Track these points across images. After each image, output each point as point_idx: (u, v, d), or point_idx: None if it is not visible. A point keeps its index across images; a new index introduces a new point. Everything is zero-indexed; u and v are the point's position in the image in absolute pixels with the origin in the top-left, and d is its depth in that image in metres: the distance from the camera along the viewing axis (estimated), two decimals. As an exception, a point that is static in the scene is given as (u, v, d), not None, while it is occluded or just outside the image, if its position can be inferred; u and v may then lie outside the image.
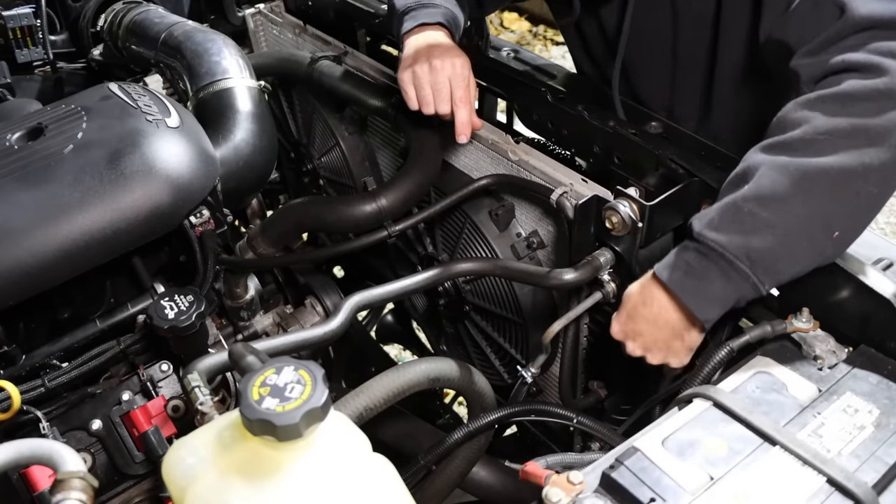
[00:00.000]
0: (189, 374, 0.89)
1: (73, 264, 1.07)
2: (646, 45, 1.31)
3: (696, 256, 0.93)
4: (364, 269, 1.98)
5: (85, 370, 1.11)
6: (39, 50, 1.67)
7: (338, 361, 1.66)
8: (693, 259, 0.93)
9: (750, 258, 0.90)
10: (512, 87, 1.36)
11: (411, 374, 1.09)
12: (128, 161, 1.10)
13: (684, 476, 0.74)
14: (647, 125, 1.19)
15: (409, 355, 2.49)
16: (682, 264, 0.95)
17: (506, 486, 1.31)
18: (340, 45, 1.68)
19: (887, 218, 3.52)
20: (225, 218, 1.24)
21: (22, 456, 0.81)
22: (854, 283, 0.93)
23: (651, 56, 1.32)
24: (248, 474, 0.67)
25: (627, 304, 1.04)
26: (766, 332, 0.97)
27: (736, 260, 0.90)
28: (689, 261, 0.94)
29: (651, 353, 1.04)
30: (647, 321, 1.01)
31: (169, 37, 1.47)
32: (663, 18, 1.27)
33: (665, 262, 0.97)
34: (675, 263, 0.96)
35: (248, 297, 1.46)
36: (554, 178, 1.29)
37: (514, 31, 5.04)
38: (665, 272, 0.96)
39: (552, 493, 0.73)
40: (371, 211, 1.31)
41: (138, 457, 1.14)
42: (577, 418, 1.19)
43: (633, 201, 1.07)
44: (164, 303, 1.05)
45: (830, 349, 0.92)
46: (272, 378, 0.67)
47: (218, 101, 1.34)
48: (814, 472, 0.74)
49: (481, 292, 1.52)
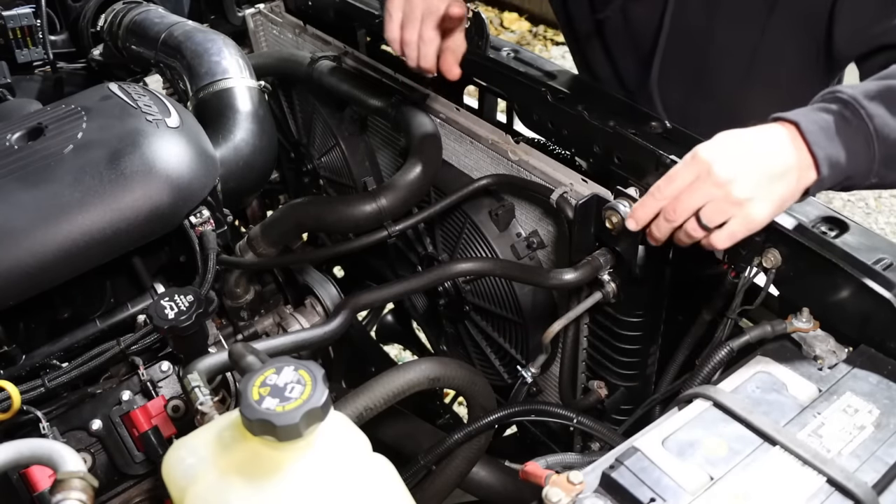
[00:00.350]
0: (189, 374, 0.89)
1: (73, 264, 1.07)
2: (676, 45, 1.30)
3: (839, 119, 0.89)
4: (364, 269, 1.98)
5: (85, 370, 1.11)
6: (39, 50, 1.67)
7: (338, 361, 1.66)
8: (835, 119, 0.89)
9: (883, 140, 0.88)
10: (512, 87, 1.36)
11: (411, 374, 1.09)
12: (128, 161, 1.10)
13: (684, 476, 0.74)
14: (647, 125, 1.19)
15: (409, 355, 2.49)
16: (819, 118, 0.89)
17: (506, 486, 1.31)
18: (340, 45, 1.68)
19: (887, 218, 3.52)
20: (225, 218, 1.24)
21: (22, 456, 0.81)
22: (854, 283, 0.93)
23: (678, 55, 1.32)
24: (248, 474, 0.67)
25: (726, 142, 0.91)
26: (766, 332, 0.97)
27: (875, 135, 0.88)
28: (830, 118, 0.89)
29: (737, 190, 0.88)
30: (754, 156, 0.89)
31: (169, 37, 1.47)
32: (699, 14, 1.26)
33: (799, 112, 0.91)
34: (812, 117, 0.90)
35: (248, 297, 1.46)
36: (554, 178, 1.29)
37: (514, 31, 5.04)
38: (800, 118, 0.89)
39: (552, 493, 0.73)
40: (371, 211, 1.31)
41: (138, 457, 1.14)
42: (577, 418, 1.19)
43: (633, 201, 1.06)
44: (164, 303, 1.05)
45: (830, 349, 0.92)
46: (272, 378, 0.67)
47: (218, 101, 1.34)
48: (814, 472, 0.74)
49: (481, 292, 1.52)
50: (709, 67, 1.33)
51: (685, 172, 0.90)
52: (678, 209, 0.91)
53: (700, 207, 0.89)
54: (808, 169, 0.88)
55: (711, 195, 0.88)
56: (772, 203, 0.88)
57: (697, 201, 0.89)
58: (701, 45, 1.30)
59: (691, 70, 1.34)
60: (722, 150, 0.89)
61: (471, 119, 1.43)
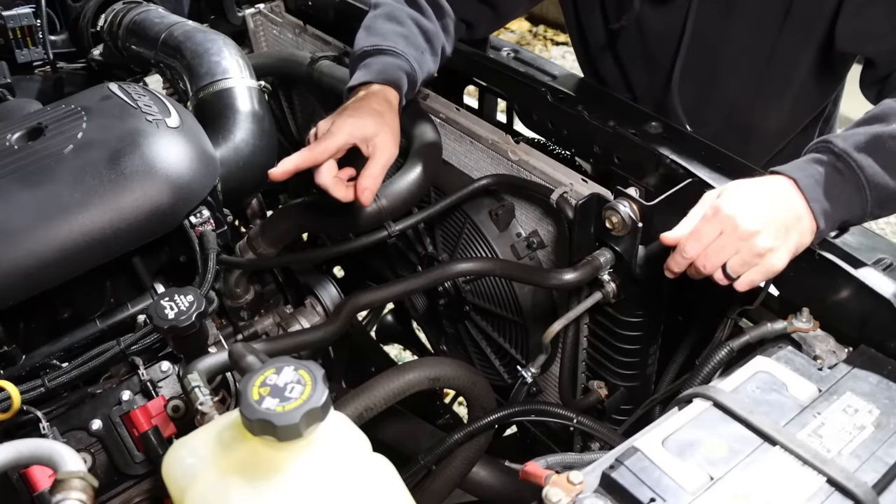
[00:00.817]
0: (189, 374, 0.89)
1: (73, 264, 1.07)
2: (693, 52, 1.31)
3: (831, 170, 0.95)
4: (364, 269, 1.98)
5: (85, 370, 1.11)
6: (39, 50, 1.67)
7: (338, 361, 1.66)
8: (827, 171, 0.95)
9: (874, 187, 0.94)
10: (512, 87, 1.36)
11: (411, 374, 1.09)
12: (128, 161, 1.09)
13: (684, 476, 0.74)
14: (647, 125, 1.19)
15: (409, 355, 2.49)
16: (814, 172, 0.95)
17: (506, 486, 1.31)
18: (340, 45, 1.68)
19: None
20: (225, 218, 1.24)
21: (22, 456, 0.81)
22: (854, 283, 0.93)
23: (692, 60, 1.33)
24: (248, 474, 0.67)
25: (742, 194, 0.94)
26: (766, 332, 0.97)
27: (867, 184, 0.94)
28: (823, 171, 0.95)
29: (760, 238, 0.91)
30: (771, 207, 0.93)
31: (169, 37, 1.47)
32: (717, 21, 1.28)
33: (794, 166, 0.97)
34: (807, 171, 0.96)
35: (248, 297, 1.46)
36: (554, 178, 1.29)
37: (514, 31, 5.05)
38: (796, 173, 0.95)
39: (552, 493, 0.73)
40: (371, 211, 1.31)
41: (138, 457, 1.14)
42: (577, 418, 1.19)
43: (633, 201, 1.07)
44: (164, 303, 1.05)
45: (830, 349, 0.92)
46: (272, 378, 0.67)
47: (218, 101, 1.33)
48: (814, 472, 0.74)
49: (481, 292, 1.52)
50: (723, 74, 1.34)
51: (709, 229, 0.93)
52: (707, 265, 0.94)
53: (726, 261, 0.93)
54: (810, 220, 0.94)
55: (737, 248, 0.92)
56: (788, 252, 0.93)
57: (725, 256, 0.93)
58: (717, 51, 1.31)
59: (705, 76, 1.35)
60: (742, 203, 0.93)
61: (471, 119, 1.43)
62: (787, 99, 1.35)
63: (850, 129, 1.00)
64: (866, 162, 0.95)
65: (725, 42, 1.30)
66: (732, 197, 0.94)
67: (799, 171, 0.96)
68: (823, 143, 0.98)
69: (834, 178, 0.95)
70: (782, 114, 1.39)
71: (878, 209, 0.97)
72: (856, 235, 1.00)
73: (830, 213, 0.94)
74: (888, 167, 0.95)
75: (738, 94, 1.36)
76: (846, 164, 0.95)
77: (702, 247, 0.94)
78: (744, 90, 1.35)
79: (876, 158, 0.95)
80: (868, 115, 1.01)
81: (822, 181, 0.94)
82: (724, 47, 1.30)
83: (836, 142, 0.96)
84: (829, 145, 0.97)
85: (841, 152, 0.95)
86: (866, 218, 0.98)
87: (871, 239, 1.00)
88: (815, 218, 0.93)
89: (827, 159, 0.96)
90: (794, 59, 1.29)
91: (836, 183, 0.95)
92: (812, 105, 1.42)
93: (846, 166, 0.95)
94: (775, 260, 0.92)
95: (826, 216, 0.94)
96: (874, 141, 0.96)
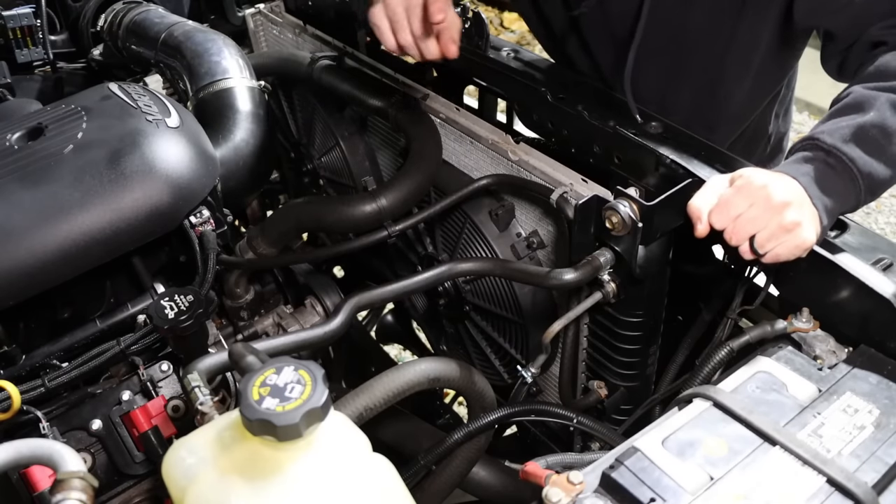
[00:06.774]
0: (189, 374, 0.89)
1: (73, 264, 1.07)
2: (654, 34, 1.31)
3: (823, 166, 0.97)
4: (364, 269, 1.98)
5: (85, 370, 1.11)
6: (39, 50, 1.67)
7: (338, 361, 1.66)
8: (820, 168, 0.97)
9: (866, 176, 0.96)
10: (512, 87, 1.36)
11: (411, 374, 1.09)
12: (128, 161, 1.10)
13: (684, 476, 0.74)
14: (647, 125, 1.19)
15: (409, 355, 2.49)
16: (809, 170, 0.97)
17: (506, 486, 1.31)
18: (340, 44, 1.68)
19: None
20: (225, 218, 1.24)
21: (22, 456, 0.81)
22: (854, 283, 0.93)
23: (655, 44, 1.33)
24: (248, 474, 0.67)
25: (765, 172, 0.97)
26: (766, 332, 0.97)
27: (859, 175, 0.96)
28: (816, 168, 0.97)
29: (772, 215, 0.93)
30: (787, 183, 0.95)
31: (169, 37, 1.47)
32: (676, 6, 1.28)
33: (786, 166, 0.99)
34: (802, 170, 0.97)
35: (248, 297, 1.46)
36: (554, 178, 1.28)
37: (514, 31, 5.04)
38: (794, 173, 0.97)
39: (552, 493, 0.73)
40: (371, 211, 1.31)
41: (138, 457, 1.14)
42: (577, 418, 1.19)
43: (633, 201, 1.06)
44: (164, 303, 1.05)
45: (830, 349, 0.92)
46: (272, 378, 0.67)
47: (218, 101, 1.34)
48: (814, 472, 0.74)
49: (481, 292, 1.52)
50: (685, 55, 1.36)
51: (739, 200, 0.93)
52: (734, 238, 0.94)
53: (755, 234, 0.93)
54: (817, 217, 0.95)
55: (766, 222, 0.92)
56: (815, 230, 0.93)
57: (754, 229, 0.93)
58: (678, 33, 1.33)
59: (668, 58, 1.36)
60: (770, 177, 0.94)
61: (471, 119, 1.43)
62: (748, 79, 1.37)
63: (828, 123, 1.01)
64: (856, 153, 0.97)
65: (687, 23, 1.31)
66: (758, 173, 0.96)
67: (794, 170, 0.97)
68: (810, 140, 0.99)
69: (827, 173, 0.97)
70: (743, 94, 1.41)
71: (869, 196, 0.99)
72: (856, 235, 1.00)
73: (830, 208, 0.96)
74: (875, 155, 0.97)
75: (702, 76, 1.38)
76: (837, 159, 0.97)
77: (730, 218, 0.93)
78: (707, 72, 1.37)
79: (864, 149, 0.97)
80: (842, 105, 1.03)
81: (817, 178, 0.96)
82: (686, 29, 1.32)
83: (823, 138, 0.98)
84: (816, 142, 0.99)
85: (830, 148, 0.97)
86: (859, 206, 1.00)
87: (871, 239, 1.00)
88: (819, 214, 0.95)
89: (817, 156, 0.98)
90: (754, 38, 1.30)
91: (829, 178, 0.97)
92: (771, 83, 1.44)
93: (837, 161, 0.97)
94: (805, 234, 0.92)
95: (827, 211, 0.96)
96: (858, 132, 0.98)
